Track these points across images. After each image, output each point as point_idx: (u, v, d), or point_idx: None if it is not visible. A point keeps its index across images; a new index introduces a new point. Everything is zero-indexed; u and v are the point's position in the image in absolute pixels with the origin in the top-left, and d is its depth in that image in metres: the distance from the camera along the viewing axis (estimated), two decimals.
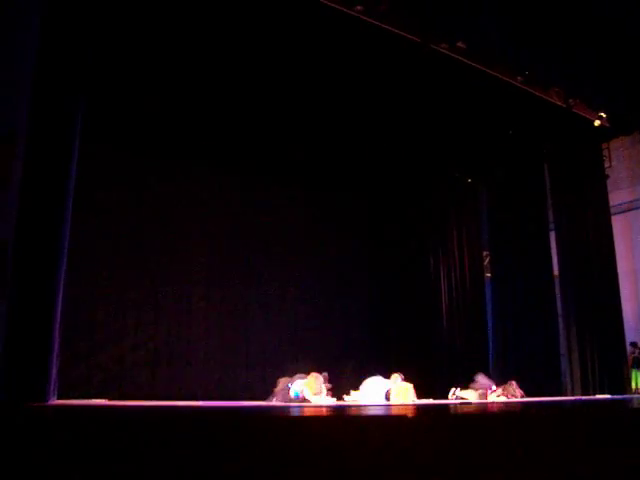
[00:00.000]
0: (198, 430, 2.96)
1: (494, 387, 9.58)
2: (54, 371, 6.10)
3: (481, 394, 9.41)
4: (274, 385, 7.76)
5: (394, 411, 5.30)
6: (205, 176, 10.65)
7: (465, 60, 9.08)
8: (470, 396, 9.39)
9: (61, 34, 6.32)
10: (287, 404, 7.24)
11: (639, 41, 9.52)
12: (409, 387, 8.31)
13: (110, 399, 7.81)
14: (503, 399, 9.32)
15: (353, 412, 5.15)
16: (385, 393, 8.10)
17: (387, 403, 7.86)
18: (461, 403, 8.45)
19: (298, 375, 7.61)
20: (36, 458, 2.53)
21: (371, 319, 12.24)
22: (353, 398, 8.19)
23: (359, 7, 8.03)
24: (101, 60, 7.26)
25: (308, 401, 7.27)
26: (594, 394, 10.96)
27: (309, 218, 11.84)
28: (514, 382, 9.78)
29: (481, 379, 9.71)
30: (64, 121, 6.29)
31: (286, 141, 10.44)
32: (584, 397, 10.81)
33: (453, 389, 9.62)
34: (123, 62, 8.21)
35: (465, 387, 9.66)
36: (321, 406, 6.89)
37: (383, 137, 10.74)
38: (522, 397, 9.57)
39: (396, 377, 8.31)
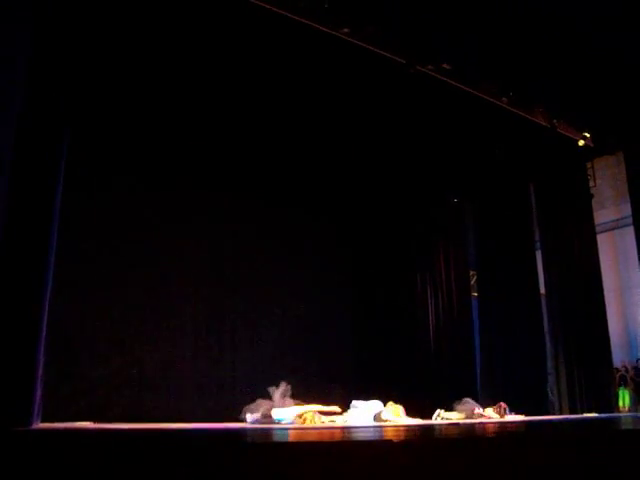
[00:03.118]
0: (183, 453, 2.93)
1: (479, 409, 9.58)
2: (38, 394, 6.02)
3: (467, 416, 9.42)
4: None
5: (384, 434, 5.28)
6: (188, 193, 10.60)
7: (450, 81, 9.17)
8: (455, 417, 9.39)
9: (46, 74, 6.32)
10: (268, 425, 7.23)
11: (622, 63, 9.65)
12: (400, 408, 8.33)
13: (96, 422, 7.71)
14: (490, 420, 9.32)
15: (344, 436, 5.12)
16: (375, 415, 8.10)
17: (379, 424, 7.84)
18: (449, 424, 8.43)
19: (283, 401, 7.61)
20: None
21: (356, 338, 12.14)
22: (344, 420, 8.14)
23: (346, 29, 8.10)
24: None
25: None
26: (582, 413, 10.97)
27: (293, 235, 11.79)
28: (503, 404, 9.78)
29: (466, 401, 9.74)
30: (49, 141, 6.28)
31: (272, 158, 10.45)
32: (572, 416, 10.81)
33: (438, 410, 9.61)
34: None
35: (450, 409, 9.67)
36: (312, 428, 6.85)
37: (370, 156, 10.78)
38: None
39: (390, 405, 8.35)
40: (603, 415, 10.53)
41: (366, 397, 8.76)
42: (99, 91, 8.13)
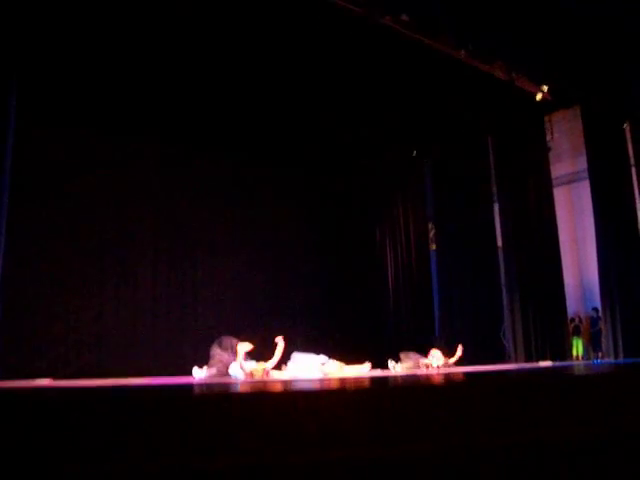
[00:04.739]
0: (141, 407, 2.95)
1: (423, 360, 9.83)
2: None
3: (414, 366, 9.69)
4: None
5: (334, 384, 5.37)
6: (151, 150, 10.46)
7: (409, 33, 9.09)
8: (403, 369, 9.65)
9: None
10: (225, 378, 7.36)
11: (581, 17, 9.66)
12: (342, 364, 8.52)
13: (55, 378, 7.68)
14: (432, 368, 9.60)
15: (294, 386, 5.20)
16: (318, 367, 8.26)
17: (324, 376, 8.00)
18: (393, 375, 8.67)
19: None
20: None
21: (315, 290, 12.24)
22: (290, 371, 8.28)
23: None
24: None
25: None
26: (537, 361, 11.28)
27: (256, 188, 11.78)
28: (437, 350, 10.04)
29: (412, 355, 9.98)
30: None
31: (231, 114, 10.30)
32: (527, 364, 11.11)
33: (392, 362, 9.84)
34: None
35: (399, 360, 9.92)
36: (261, 381, 6.95)
37: (326, 108, 10.68)
38: (449, 364, 9.87)
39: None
40: (556, 363, 10.84)
41: (325, 347, 8.90)
42: (53, 37, 7.84)
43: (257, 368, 7.46)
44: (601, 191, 11.58)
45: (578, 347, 13.94)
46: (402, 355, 9.97)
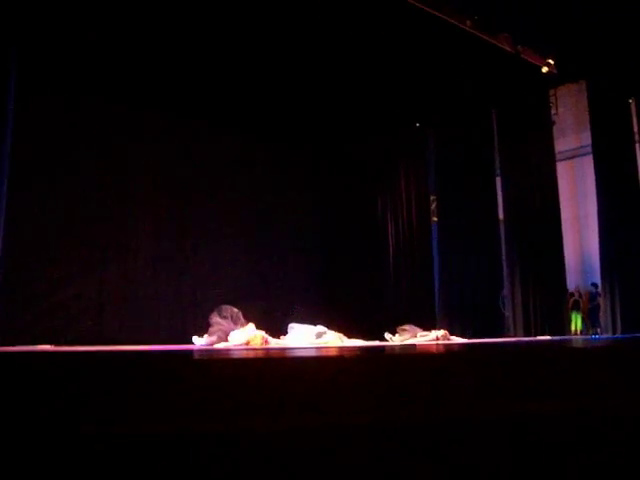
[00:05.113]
0: (140, 373, 2.97)
1: (421, 333, 9.91)
2: None
3: (411, 337, 9.78)
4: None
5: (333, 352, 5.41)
6: (152, 124, 10.41)
7: (414, 2, 8.98)
8: (401, 341, 9.73)
9: None
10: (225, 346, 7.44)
11: None
12: (342, 337, 8.58)
13: (56, 345, 7.73)
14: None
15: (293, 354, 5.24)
16: (316, 336, 8.34)
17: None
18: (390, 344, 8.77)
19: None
20: None
21: (316, 261, 12.27)
22: (289, 340, 8.38)
23: None
24: None
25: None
26: (535, 335, 11.35)
27: (257, 158, 11.73)
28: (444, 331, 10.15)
29: (409, 327, 10.07)
30: None
31: (231, 87, 10.23)
32: (525, 338, 11.18)
33: (388, 335, 9.92)
34: None
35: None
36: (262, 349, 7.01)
37: (335, 77, 10.60)
38: (447, 337, 9.99)
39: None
40: (555, 337, 10.91)
41: (323, 320, 8.96)
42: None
43: (256, 335, 7.51)
44: (605, 167, 11.53)
45: (577, 322, 14.04)
46: (399, 329, 10.05)
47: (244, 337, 7.48)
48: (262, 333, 7.63)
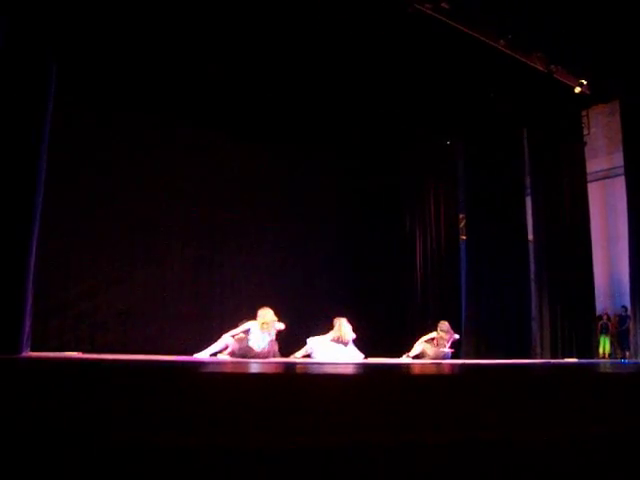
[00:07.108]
0: (167, 383, 3.00)
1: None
2: (27, 324, 6.10)
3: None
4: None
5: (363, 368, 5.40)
6: (182, 138, 10.58)
7: (449, 21, 9.00)
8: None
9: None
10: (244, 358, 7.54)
11: (622, 10, 9.48)
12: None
13: (84, 353, 7.82)
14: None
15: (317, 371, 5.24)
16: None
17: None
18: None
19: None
20: (6, 409, 2.56)
21: (344, 277, 12.27)
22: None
23: None
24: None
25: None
26: (562, 358, 11.20)
27: (285, 174, 11.83)
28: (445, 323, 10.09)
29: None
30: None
31: (263, 98, 10.34)
32: (552, 360, 11.04)
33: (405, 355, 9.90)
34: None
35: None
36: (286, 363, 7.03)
37: (365, 93, 10.64)
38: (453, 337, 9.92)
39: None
40: (582, 360, 10.76)
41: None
42: (90, 23, 7.91)
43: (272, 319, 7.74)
44: (636, 188, 11.37)
45: (605, 345, 13.83)
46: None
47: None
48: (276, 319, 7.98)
